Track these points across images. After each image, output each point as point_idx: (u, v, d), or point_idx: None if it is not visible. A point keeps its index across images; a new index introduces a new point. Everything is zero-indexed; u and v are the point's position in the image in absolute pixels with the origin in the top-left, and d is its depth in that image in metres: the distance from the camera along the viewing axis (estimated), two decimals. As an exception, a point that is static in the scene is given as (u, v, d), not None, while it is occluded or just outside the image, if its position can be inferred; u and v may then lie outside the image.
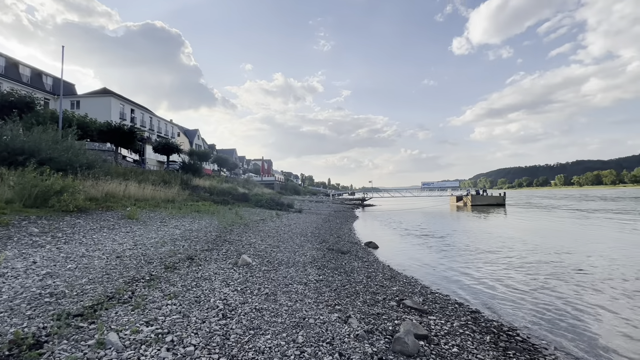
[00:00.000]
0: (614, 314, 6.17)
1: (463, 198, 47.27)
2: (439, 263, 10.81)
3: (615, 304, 6.67)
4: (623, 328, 5.57)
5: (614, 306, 6.57)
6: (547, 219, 26.13)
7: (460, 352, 4.32)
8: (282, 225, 15.95)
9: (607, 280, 8.30)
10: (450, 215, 31.95)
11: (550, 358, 4.48)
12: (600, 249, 12.63)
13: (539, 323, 5.80)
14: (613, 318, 6.01)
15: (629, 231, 17.44)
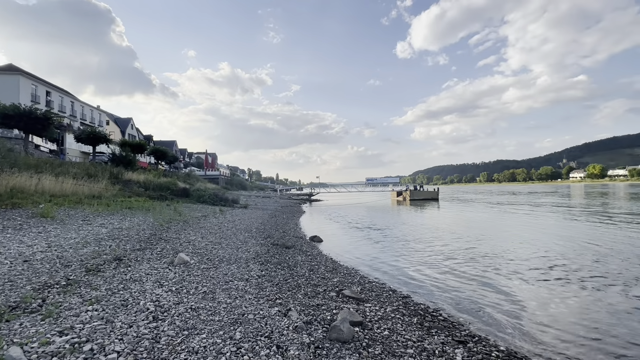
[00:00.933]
0: (521, 292, 7.24)
1: (403, 193, 50.70)
2: (378, 254, 11.50)
3: (521, 284, 7.82)
4: (526, 303, 6.57)
5: (521, 286, 7.70)
6: (471, 210, 29.44)
7: (390, 335, 4.69)
8: (225, 222, 15.41)
9: (517, 263, 9.69)
10: (390, 209, 34.06)
11: (465, 332, 5.11)
12: (511, 236, 14.67)
13: (458, 303, 6.55)
14: (519, 295, 7.04)
15: (533, 219, 20.54)
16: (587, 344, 4.85)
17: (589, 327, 5.43)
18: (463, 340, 4.73)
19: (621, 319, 5.68)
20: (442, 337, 4.79)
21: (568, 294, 7.02)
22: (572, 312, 6.07)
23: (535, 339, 5.02)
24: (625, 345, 4.82)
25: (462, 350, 4.38)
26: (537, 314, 6.02)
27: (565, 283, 7.74)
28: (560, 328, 5.40)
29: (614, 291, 7.09)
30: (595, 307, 6.27)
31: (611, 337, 5.07)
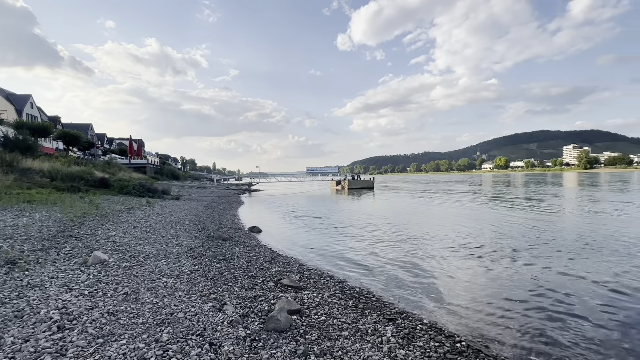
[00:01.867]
0: (441, 270, 8.08)
1: (341, 182, 52.56)
2: (317, 241, 11.75)
3: (442, 262, 8.74)
4: (445, 279, 7.37)
5: (441, 264, 8.59)
6: (401, 198, 31.99)
7: (327, 319, 4.82)
8: (154, 215, 14.08)
9: (437, 243, 10.80)
10: (330, 198, 35.06)
11: (395, 309, 5.53)
12: (433, 219, 16.33)
13: (389, 284, 7.05)
14: (440, 272, 7.86)
15: (451, 204, 23.17)
16: (496, 311, 5.65)
17: (497, 295, 6.33)
18: (392, 317, 5.11)
19: (524, 286, 6.74)
20: (375, 316, 5.11)
21: (480, 268, 8.08)
22: (483, 284, 7.00)
23: (452, 310, 5.67)
24: (526, 308, 5.73)
25: (392, 327, 4.72)
26: (455, 287, 6.80)
27: (478, 258, 8.89)
28: (474, 298, 6.19)
29: (518, 264, 8.37)
30: (502, 277, 7.34)
31: (514, 301, 5.98)
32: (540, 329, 4.90)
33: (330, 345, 3.99)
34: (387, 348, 4.04)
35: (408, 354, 3.94)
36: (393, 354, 3.89)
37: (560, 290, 6.41)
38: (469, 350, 4.17)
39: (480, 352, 4.16)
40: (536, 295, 6.26)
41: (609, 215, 16.27)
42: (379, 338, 4.30)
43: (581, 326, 4.97)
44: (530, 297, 6.15)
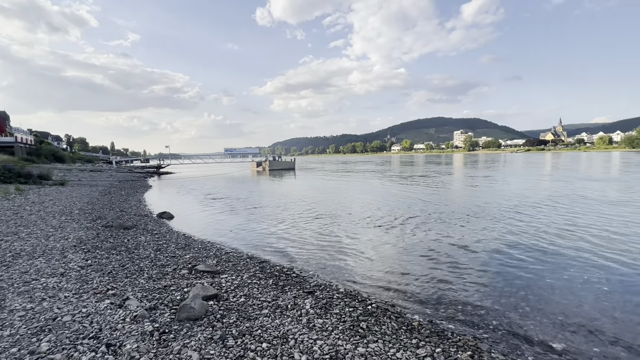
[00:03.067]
0: (356, 242, 8.70)
1: (262, 164, 51.57)
2: (236, 223, 11.34)
3: (356, 235, 9.42)
4: (360, 250, 7.97)
5: (356, 236, 9.26)
6: (320, 178, 33.25)
7: (247, 300, 4.72)
8: (27, 204, 11.45)
9: (352, 217, 11.59)
10: (251, 180, 34.11)
11: (314, 283, 5.75)
12: (348, 196, 17.47)
13: (309, 259, 7.30)
14: (355, 244, 8.46)
15: (364, 184, 25.14)
16: (401, 274, 6.38)
17: (402, 261, 7.15)
18: (311, 290, 5.30)
19: (423, 252, 7.75)
20: (295, 291, 5.22)
21: (387, 239, 8.99)
22: (391, 252, 7.83)
23: (366, 277, 6.19)
24: (425, 269, 6.61)
25: (310, 299, 4.90)
26: (367, 257, 7.43)
27: (386, 230, 9.87)
28: (383, 265, 6.87)
29: (418, 232, 9.57)
30: (409, 245, 8.31)
31: (415, 265, 6.85)
32: (435, 286, 5.75)
33: (250, 326, 3.93)
34: (306, 319, 4.19)
35: (325, 322, 4.15)
36: (311, 324, 4.05)
37: (452, 253, 7.62)
38: (377, 311, 4.63)
39: (387, 311, 4.66)
40: (433, 258, 7.30)
41: (485, 188, 19.95)
42: (299, 311, 4.42)
43: (468, 276, 6.02)
44: (428, 260, 7.15)
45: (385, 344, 3.70)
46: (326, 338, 3.73)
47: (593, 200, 14.24)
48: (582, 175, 27.27)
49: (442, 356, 3.50)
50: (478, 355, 3.57)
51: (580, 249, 7.44)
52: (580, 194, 16.06)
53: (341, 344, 3.61)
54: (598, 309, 4.69)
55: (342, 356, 3.38)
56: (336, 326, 4.06)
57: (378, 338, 3.82)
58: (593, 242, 7.97)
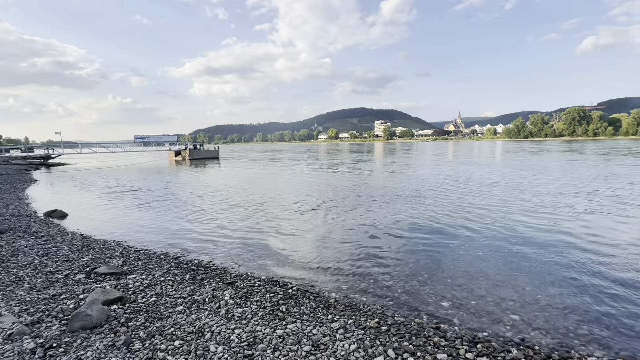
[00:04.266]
0: (281, 229, 8.76)
1: (182, 152, 47.46)
2: (149, 218, 10.29)
3: (282, 222, 9.48)
4: (284, 237, 8.06)
5: (282, 224, 9.32)
6: (247, 167, 32.31)
7: (158, 299, 4.39)
8: None
9: (278, 205, 11.62)
10: (168, 170, 31.13)
11: (235, 273, 5.65)
12: (277, 185, 17.45)
13: (231, 250, 7.10)
14: (280, 232, 8.52)
15: (291, 172, 25.38)
16: (323, 258, 6.68)
17: (327, 244, 7.48)
18: (232, 281, 5.20)
19: (344, 235, 8.22)
20: (213, 284, 5.05)
21: (311, 224, 9.29)
22: (315, 237, 8.12)
23: (289, 263, 6.32)
24: (345, 251, 7.03)
25: (230, 290, 4.81)
26: (292, 244, 7.58)
27: (311, 216, 10.19)
28: (307, 250, 7.11)
29: (341, 216, 10.10)
30: (331, 229, 8.71)
31: (341, 247, 7.24)
32: (353, 265, 6.21)
33: (161, 325, 3.68)
34: (225, 310, 4.11)
35: (245, 310, 4.14)
36: (230, 314, 4.00)
37: (368, 234, 8.29)
38: (298, 293, 4.80)
39: (307, 292, 4.88)
40: (351, 240, 7.84)
41: (400, 173, 22.09)
42: (217, 303, 4.31)
43: (380, 254, 6.64)
44: (347, 242, 7.65)
45: (303, 322, 3.88)
46: (245, 326, 3.73)
47: (476, 181, 17.09)
48: (472, 161, 32.42)
49: (354, 326, 3.85)
50: (383, 320, 4.02)
51: (465, 225, 8.90)
52: (470, 177, 19.09)
53: (260, 329, 3.66)
54: (476, 271, 5.71)
55: (260, 340, 3.43)
56: (256, 313, 4.08)
57: (297, 319, 3.99)
58: (473, 219, 9.60)
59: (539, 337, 3.76)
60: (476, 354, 3.34)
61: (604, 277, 5.31)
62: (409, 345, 3.46)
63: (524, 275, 5.48)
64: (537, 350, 3.44)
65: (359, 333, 3.68)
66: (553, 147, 60.92)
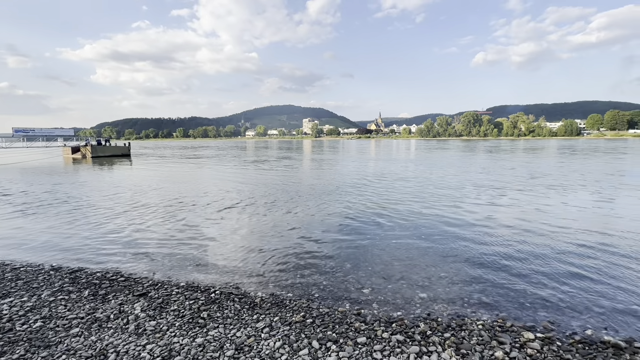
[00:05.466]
0: (206, 232, 8.18)
1: (81, 149, 40.63)
2: (36, 228, 8.53)
3: (206, 225, 8.87)
4: (207, 239, 7.55)
5: (205, 226, 8.71)
6: (164, 165, 29.42)
7: (45, 324, 3.68)
8: None
9: (202, 206, 10.86)
10: (62, 170, 26.29)
11: (148, 283, 5.08)
12: (200, 184, 16.28)
13: (145, 257, 6.36)
14: (205, 234, 7.95)
15: (216, 170, 24.04)
16: (253, 255, 6.46)
17: (255, 242, 7.25)
18: (144, 292, 4.67)
19: (270, 231, 8.09)
20: (121, 298, 4.46)
21: (237, 223, 8.94)
22: (240, 236, 7.82)
23: (213, 266, 5.96)
24: (277, 247, 6.92)
25: (142, 302, 4.31)
26: (217, 245, 7.17)
27: (237, 214, 9.79)
28: (233, 251, 6.79)
29: (268, 213, 9.93)
30: (259, 227, 8.48)
31: (269, 245, 7.09)
32: (280, 261, 6.17)
33: (49, 354, 3.09)
34: (135, 326, 3.67)
35: (160, 322, 3.76)
36: (141, 329, 3.59)
37: (296, 229, 8.35)
38: (221, 297, 4.57)
39: (232, 294, 4.68)
40: (279, 236, 7.79)
41: (326, 170, 22.82)
42: (125, 319, 3.82)
43: (308, 248, 6.74)
44: (275, 239, 7.58)
45: (227, 327, 3.71)
46: (159, 340, 3.39)
47: (392, 177, 18.79)
48: (390, 158, 35.55)
49: (279, 323, 3.84)
50: (309, 313, 4.11)
51: (383, 216, 9.70)
52: (387, 173, 20.86)
53: (177, 340, 3.38)
54: (392, 258, 6.27)
55: (177, 353, 3.16)
56: (173, 323, 3.75)
57: (219, 323, 3.79)
58: (389, 211, 10.54)
59: (442, 309, 4.32)
60: (391, 332, 3.67)
61: (491, 253, 6.37)
62: (333, 334, 3.60)
63: (431, 257, 6.23)
64: (439, 322, 3.95)
65: (285, 329, 3.68)
66: (454, 146, 70.71)
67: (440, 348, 3.36)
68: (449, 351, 3.29)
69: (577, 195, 12.26)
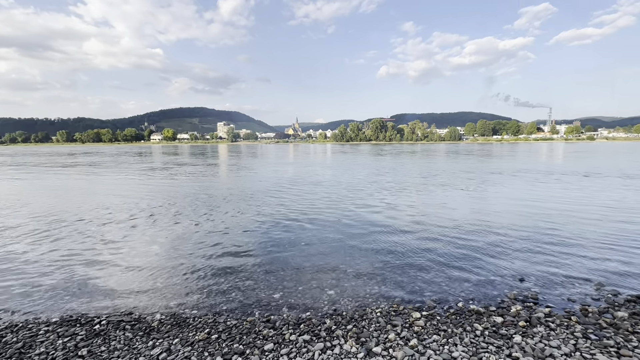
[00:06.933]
0: (96, 254, 6.93)
1: None
2: None
3: (92, 247, 7.54)
4: (101, 264, 6.42)
5: (93, 251, 7.39)
6: (49, 175, 24.06)
7: None
8: None
9: (93, 226, 9.22)
10: None
11: (4, 325, 4.05)
12: (92, 197, 13.80)
13: (6, 291, 5.05)
14: (95, 257, 6.73)
15: (115, 179, 20.85)
16: (154, 273, 5.73)
17: (156, 259, 6.45)
18: (-4, 337, 3.71)
19: (184, 244, 7.34)
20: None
21: (138, 237, 7.87)
22: (141, 253, 6.89)
23: (98, 292, 5.09)
24: (182, 261, 6.27)
25: (-8, 350, 3.41)
26: (107, 266, 6.15)
27: (138, 226, 8.62)
28: (128, 270, 5.92)
29: (181, 225, 9.00)
30: (162, 241, 7.59)
31: (172, 260, 6.38)
32: (186, 277, 5.66)
33: None
34: (-23, 383, 2.87)
35: (17, 372, 3.03)
36: (-13, 387, 2.83)
37: (208, 240, 7.80)
38: (109, 326, 3.96)
39: (122, 322, 4.09)
40: (184, 248, 7.16)
41: (244, 176, 22.08)
42: (-39, 377, 2.96)
43: (216, 259, 6.36)
44: (178, 251, 6.94)
45: (112, 361, 3.22)
46: (14, 394, 2.73)
47: (309, 180, 19.42)
48: (308, 162, 36.64)
49: (180, 345, 3.52)
50: (215, 329, 3.89)
51: (295, 220, 9.91)
52: (304, 177, 21.43)
53: (41, 390, 2.77)
54: (304, 259, 6.42)
55: (40, 406, 2.59)
56: (36, 371, 3.07)
57: (103, 359, 3.27)
58: (302, 214, 10.85)
59: (347, 304, 4.61)
60: (299, 334, 3.74)
61: (392, 246, 7.11)
62: (239, 346, 3.48)
63: (340, 255, 6.60)
64: (344, 316, 4.21)
65: (186, 351, 3.40)
66: (365, 149, 77.01)
67: (343, 340, 3.58)
68: (350, 342, 3.53)
69: (459, 192, 14.71)
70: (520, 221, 9.12)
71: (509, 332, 3.69)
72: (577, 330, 3.72)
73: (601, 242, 7.16)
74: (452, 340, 3.53)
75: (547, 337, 3.56)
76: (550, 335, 3.60)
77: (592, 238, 7.49)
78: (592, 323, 3.90)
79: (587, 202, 11.71)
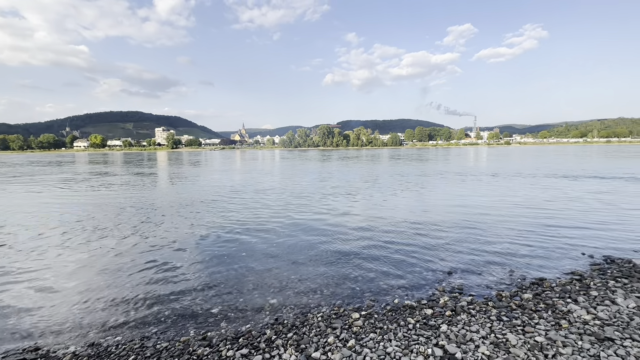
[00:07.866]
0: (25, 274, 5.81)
1: None
2: None
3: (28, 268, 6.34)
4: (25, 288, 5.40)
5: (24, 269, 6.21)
6: None
7: None
8: None
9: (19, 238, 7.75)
10: None
11: None
12: (18, 214, 11.64)
13: None
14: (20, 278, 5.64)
15: (30, 193, 17.93)
16: (71, 298, 5.00)
17: (76, 281, 5.63)
18: None
19: (109, 260, 6.52)
20: None
21: (52, 258, 6.84)
22: (54, 276, 5.99)
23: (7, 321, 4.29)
24: (108, 282, 5.57)
25: None
26: (15, 293, 5.22)
27: (52, 245, 7.50)
28: (38, 295, 5.09)
29: (102, 242, 8.01)
30: (77, 260, 6.68)
31: (96, 282, 5.63)
32: (107, 300, 5.06)
33: None
34: None
35: None
36: None
37: (138, 257, 7.09)
38: None
39: None
40: (112, 269, 6.42)
41: (186, 185, 20.70)
42: None
43: (144, 279, 5.80)
44: (103, 274, 6.21)
45: (8, 409, 2.73)
46: None
47: (256, 188, 19.02)
48: (255, 169, 35.89)
49: (97, 378, 3.12)
50: (142, 355, 3.54)
51: (237, 230, 9.61)
52: (251, 184, 20.91)
53: None
54: (246, 270, 6.22)
55: None
56: None
57: (-5, 408, 2.75)
58: (242, 227, 10.57)
59: (289, 311, 4.56)
60: (237, 348, 3.59)
61: (334, 250, 7.24)
62: (169, 370, 3.21)
63: (284, 262, 6.54)
64: (285, 324, 4.15)
65: (104, 384, 3.02)
66: (313, 155, 78.01)
67: (282, 350, 3.52)
68: (290, 350, 3.49)
69: (396, 195, 15.65)
70: (448, 219, 10.03)
71: (437, 322, 3.99)
72: (493, 314, 4.18)
73: (512, 234, 8.21)
74: (387, 337, 3.70)
75: (468, 324, 3.93)
76: (471, 321, 3.99)
77: (505, 232, 8.55)
78: (504, 306, 4.42)
79: (503, 199, 13.36)
